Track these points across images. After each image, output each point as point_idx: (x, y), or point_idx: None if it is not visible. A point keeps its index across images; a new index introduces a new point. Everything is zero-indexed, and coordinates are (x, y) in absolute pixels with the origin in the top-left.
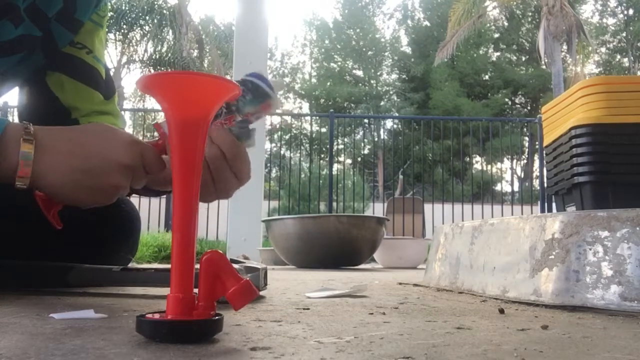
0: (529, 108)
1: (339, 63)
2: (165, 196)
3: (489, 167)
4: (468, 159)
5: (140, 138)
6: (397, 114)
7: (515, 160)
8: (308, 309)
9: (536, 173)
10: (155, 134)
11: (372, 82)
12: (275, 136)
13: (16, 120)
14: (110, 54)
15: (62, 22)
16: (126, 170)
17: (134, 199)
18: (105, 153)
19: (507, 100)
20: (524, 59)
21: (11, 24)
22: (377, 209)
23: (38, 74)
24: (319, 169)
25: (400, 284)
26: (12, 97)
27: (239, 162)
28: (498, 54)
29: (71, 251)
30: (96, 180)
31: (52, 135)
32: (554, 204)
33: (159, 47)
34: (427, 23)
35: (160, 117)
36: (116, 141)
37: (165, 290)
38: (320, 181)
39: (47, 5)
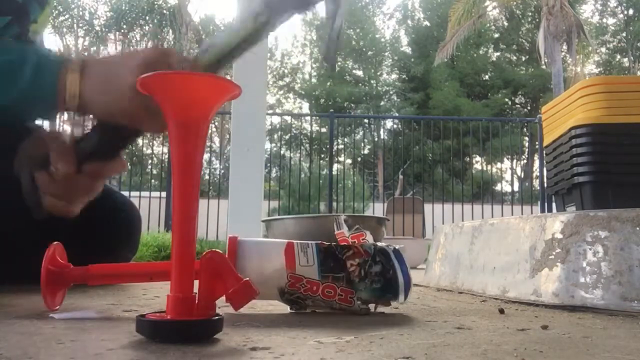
0: (529, 108)
1: (339, 63)
2: (165, 196)
3: (489, 167)
4: (468, 159)
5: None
6: (397, 114)
7: (515, 160)
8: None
9: (536, 173)
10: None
11: (372, 82)
12: (275, 136)
13: None
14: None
15: None
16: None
17: (134, 199)
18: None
19: (507, 100)
20: (524, 59)
21: None
22: (377, 209)
23: None
24: (319, 169)
25: None
26: None
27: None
28: (498, 54)
29: (72, 250)
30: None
31: None
32: (554, 204)
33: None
34: (427, 23)
35: None
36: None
37: (165, 290)
38: (320, 181)
39: None
